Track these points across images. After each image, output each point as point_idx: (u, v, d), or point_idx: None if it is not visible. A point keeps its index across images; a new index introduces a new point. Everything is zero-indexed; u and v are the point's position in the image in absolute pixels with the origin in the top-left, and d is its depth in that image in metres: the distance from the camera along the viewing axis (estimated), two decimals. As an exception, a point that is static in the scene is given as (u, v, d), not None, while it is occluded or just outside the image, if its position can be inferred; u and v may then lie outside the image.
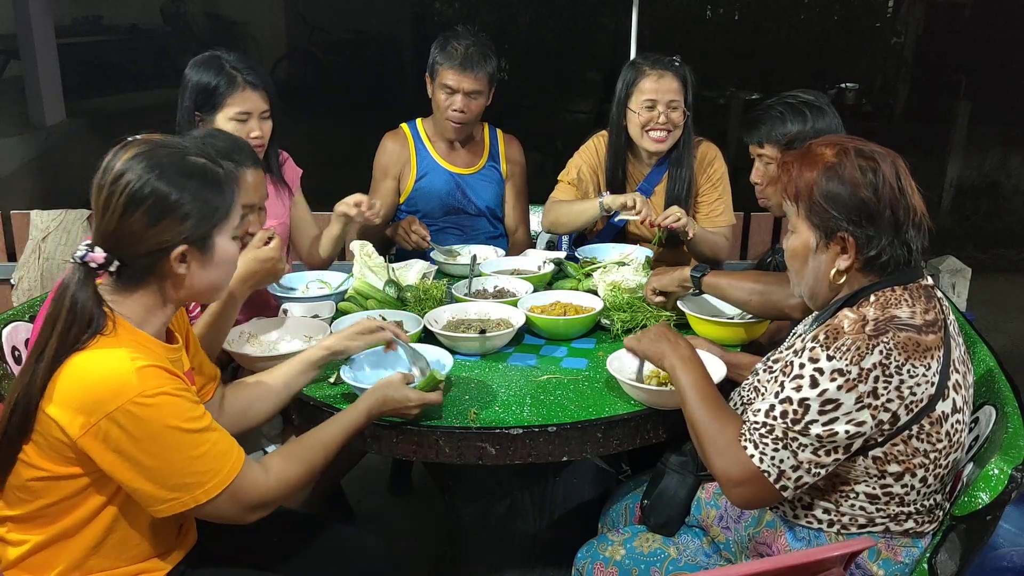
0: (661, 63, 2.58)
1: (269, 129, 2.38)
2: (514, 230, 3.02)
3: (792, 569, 1.33)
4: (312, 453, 1.53)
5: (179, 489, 1.36)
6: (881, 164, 1.46)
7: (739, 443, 1.46)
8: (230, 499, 1.39)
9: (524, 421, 1.68)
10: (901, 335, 1.39)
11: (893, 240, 1.46)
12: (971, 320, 2.17)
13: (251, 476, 1.42)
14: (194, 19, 7.85)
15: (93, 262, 1.36)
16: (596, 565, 1.70)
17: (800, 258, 1.54)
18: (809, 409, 1.39)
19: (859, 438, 1.41)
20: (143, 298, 1.42)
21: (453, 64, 2.65)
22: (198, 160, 1.43)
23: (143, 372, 1.32)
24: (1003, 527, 2.18)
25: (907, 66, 6.42)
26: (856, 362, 1.37)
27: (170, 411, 1.33)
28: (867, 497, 1.48)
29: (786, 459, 1.42)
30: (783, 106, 2.13)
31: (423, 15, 7.62)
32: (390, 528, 2.82)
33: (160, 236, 1.37)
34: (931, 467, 1.46)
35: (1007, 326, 4.47)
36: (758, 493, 1.45)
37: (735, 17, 7.07)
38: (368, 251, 2.35)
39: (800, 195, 1.50)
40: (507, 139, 2.97)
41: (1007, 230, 5.99)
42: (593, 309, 2.11)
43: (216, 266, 1.46)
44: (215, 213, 1.42)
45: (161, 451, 1.33)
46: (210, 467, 1.37)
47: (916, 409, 1.41)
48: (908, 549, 1.53)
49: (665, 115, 2.58)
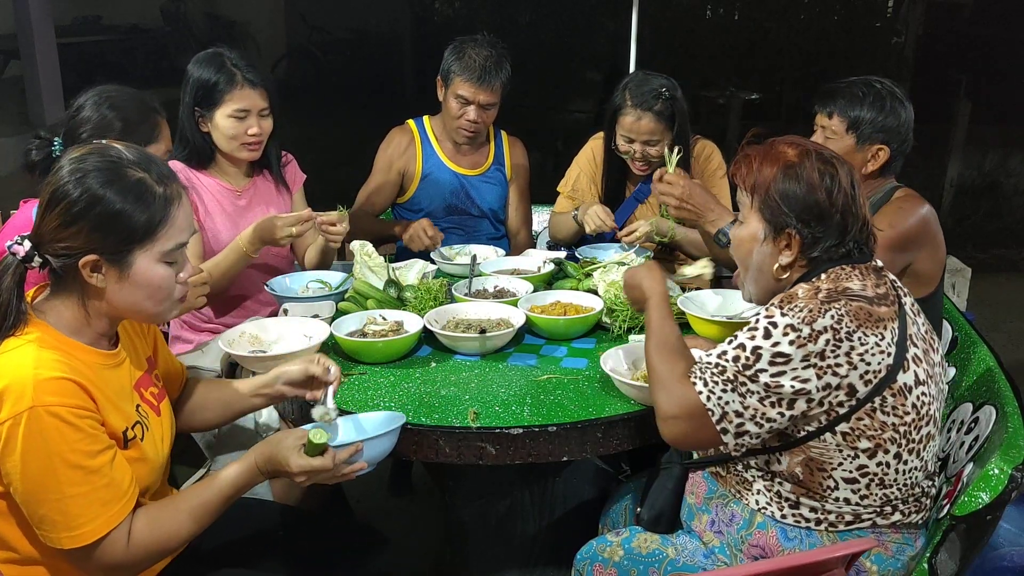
0: (644, 103, 2.51)
1: (268, 127, 2.38)
2: (516, 232, 3.02)
3: (794, 570, 1.33)
4: (184, 518, 1.41)
5: (46, 522, 1.30)
6: (839, 171, 1.53)
7: (688, 379, 1.50)
8: (90, 558, 1.33)
9: (524, 421, 1.68)
10: (853, 304, 1.44)
11: (837, 243, 1.52)
12: (971, 320, 2.17)
13: (115, 539, 1.33)
14: (194, 19, 7.86)
15: (17, 253, 1.35)
16: (595, 566, 1.70)
17: (745, 248, 1.61)
18: (760, 358, 1.43)
19: (803, 396, 1.42)
20: (70, 307, 1.39)
21: (471, 77, 2.62)
22: (135, 174, 1.37)
23: (44, 384, 1.27)
24: (1003, 527, 2.18)
25: (907, 66, 6.42)
26: (808, 322, 1.41)
27: (59, 436, 1.27)
28: (846, 483, 1.48)
29: (732, 401, 1.45)
30: (867, 87, 2.10)
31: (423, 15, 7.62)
32: (390, 528, 2.81)
33: (71, 240, 1.33)
34: (903, 442, 1.47)
35: (1007, 326, 4.47)
36: (696, 431, 1.48)
37: (735, 17, 7.07)
38: (368, 251, 2.35)
39: (757, 188, 1.56)
40: (512, 141, 2.97)
41: (1007, 230, 5.99)
42: (593, 309, 2.11)
43: (136, 286, 1.38)
44: (135, 230, 1.36)
45: (36, 476, 1.27)
46: (81, 513, 1.30)
47: (875, 380, 1.43)
48: (899, 545, 1.53)
49: (642, 152, 2.59)
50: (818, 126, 2.16)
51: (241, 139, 2.34)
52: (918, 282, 2.08)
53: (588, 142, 2.86)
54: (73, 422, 1.29)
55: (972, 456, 1.62)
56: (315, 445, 1.43)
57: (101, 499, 1.32)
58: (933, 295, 2.11)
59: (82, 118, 2.00)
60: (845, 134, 2.08)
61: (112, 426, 1.38)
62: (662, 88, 2.52)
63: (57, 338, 1.36)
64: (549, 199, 2.99)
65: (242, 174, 2.48)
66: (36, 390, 1.27)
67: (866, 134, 2.06)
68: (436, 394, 1.79)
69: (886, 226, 2.02)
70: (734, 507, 1.59)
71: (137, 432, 1.45)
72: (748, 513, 1.57)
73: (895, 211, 2.05)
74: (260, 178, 2.51)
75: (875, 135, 2.06)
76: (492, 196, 2.92)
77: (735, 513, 1.59)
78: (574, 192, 2.84)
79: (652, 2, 5.39)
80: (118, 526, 1.33)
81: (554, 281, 2.44)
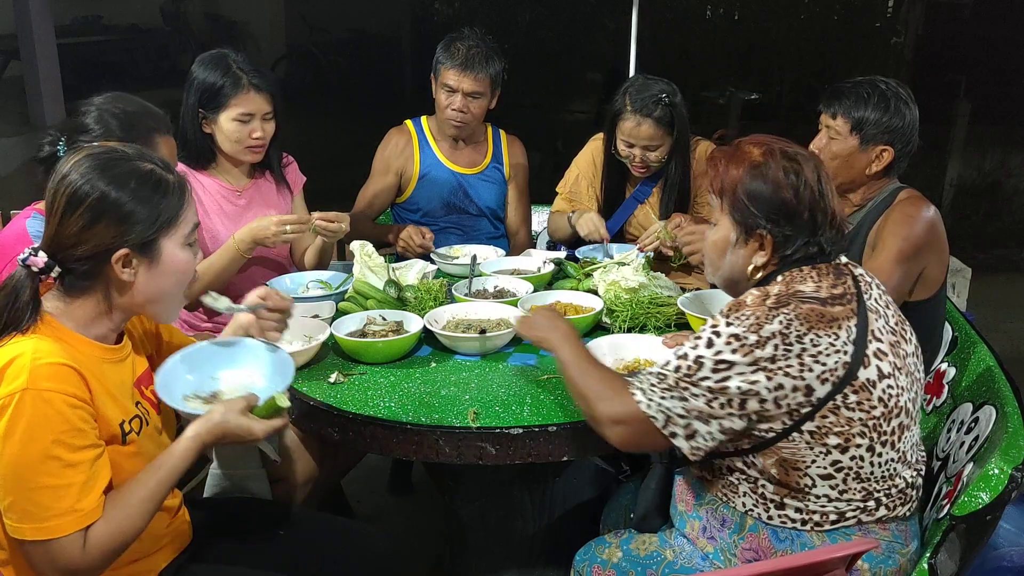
0: (644, 108, 2.52)
1: (272, 130, 2.39)
2: (516, 231, 3.02)
3: (794, 570, 1.33)
4: (134, 510, 1.37)
5: (12, 509, 1.28)
6: (804, 167, 1.52)
7: (627, 390, 1.51)
8: (45, 555, 1.30)
9: (524, 421, 1.68)
10: (804, 307, 1.43)
11: (808, 240, 1.52)
12: (971, 320, 2.17)
13: (71, 541, 1.30)
14: (194, 19, 7.86)
15: (34, 266, 1.35)
16: (594, 567, 1.70)
17: (719, 251, 1.60)
18: (703, 367, 1.44)
19: (752, 397, 1.42)
20: (87, 304, 1.40)
21: (455, 64, 2.65)
22: (144, 165, 1.40)
23: (39, 368, 1.28)
24: (1003, 527, 2.18)
25: (907, 66, 6.43)
26: (755, 330, 1.42)
27: (44, 423, 1.27)
28: (823, 480, 1.48)
29: (674, 406, 1.45)
30: (872, 88, 2.08)
31: (423, 15, 7.62)
32: (390, 528, 2.82)
33: (98, 239, 1.34)
34: (873, 435, 1.47)
35: (1007, 326, 4.47)
36: (641, 436, 1.49)
37: (735, 17, 7.07)
38: (368, 251, 2.35)
39: (725, 191, 1.56)
40: (510, 140, 2.97)
41: (1007, 230, 6.00)
42: (593, 309, 2.11)
43: (164, 274, 1.42)
44: (159, 217, 1.39)
45: (14, 459, 1.26)
46: (49, 506, 1.28)
47: (833, 379, 1.42)
48: (888, 542, 1.53)
49: (642, 156, 2.59)
50: (823, 126, 2.16)
51: (245, 142, 2.34)
52: (924, 285, 2.08)
53: (588, 143, 2.86)
54: (63, 411, 1.28)
55: (972, 456, 1.62)
56: (279, 408, 1.47)
57: (73, 496, 1.29)
58: (936, 296, 2.11)
59: (82, 125, 1.99)
60: (849, 135, 2.08)
61: (108, 418, 1.38)
62: (662, 94, 2.53)
63: (61, 331, 1.38)
64: (549, 199, 2.99)
65: (243, 175, 2.48)
66: (32, 374, 1.27)
67: (870, 135, 2.06)
68: (436, 394, 1.79)
69: (897, 237, 2.00)
70: (724, 511, 1.59)
71: (135, 427, 1.45)
72: (738, 516, 1.57)
73: (903, 219, 2.04)
74: (261, 179, 2.51)
75: (879, 136, 2.06)
76: (491, 195, 2.92)
77: (725, 517, 1.59)
78: (572, 194, 2.85)
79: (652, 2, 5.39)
80: (76, 532, 1.30)
81: (554, 281, 2.44)
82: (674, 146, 2.60)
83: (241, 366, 1.64)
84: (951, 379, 2.01)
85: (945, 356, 2.12)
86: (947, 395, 1.98)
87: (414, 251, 2.66)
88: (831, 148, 2.11)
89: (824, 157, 2.13)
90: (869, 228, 2.08)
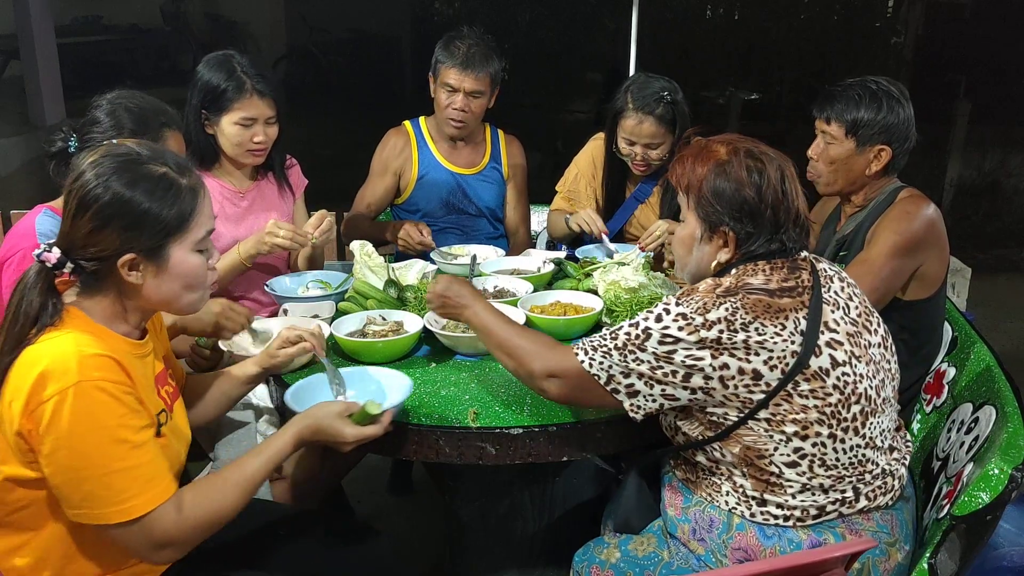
0: (646, 106, 2.53)
1: (274, 134, 2.38)
2: (515, 231, 3.02)
3: (793, 570, 1.33)
4: (231, 490, 1.43)
5: (89, 499, 1.30)
6: (767, 166, 1.55)
7: (562, 347, 1.60)
8: (140, 532, 1.33)
9: (524, 421, 1.68)
10: (751, 297, 1.47)
11: (771, 237, 1.55)
12: (971, 320, 2.17)
13: (164, 511, 1.34)
14: (194, 19, 7.86)
15: (47, 261, 1.36)
16: (592, 568, 1.71)
17: (686, 247, 1.65)
18: (650, 337, 1.49)
19: (698, 372, 1.47)
20: (104, 302, 1.41)
21: (455, 63, 2.65)
22: (158, 169, 1.40)
23: (87, 360, 1.29)
24: (1003, 527, 2.18)
25: (907, 66, 6.43)
26: (701, 313, 1.46)
27: (104, 409, 1.29)
28: (788, 468, 1.51)
29: (615, 364, 1.51)
30: (863, 89, 2.09)
31: (423, 15, 7.62)
32: (390, 528, 2.81)
33: (105, 242, 1.35)
34: (832, 422, 1.49)
35: (1007, 326, 4.47)
36: (581, 391, 1.56)
37: (735, 17, 7.07)
38: (368, 251, 2.35)
39: (691, 188, 1.60)
40: (508, 140, 2.97)
41: (1007, 230, 6.00)
42: (593, 309, 2.11)
43: (173, 278, 1.42)
44: (168, 224, 1.39)
45: (83, 448, 1.28)
46: (127, 488, 1.31)
47: (782, 366, 1.45)
48: (874, 532, 1.55)
49: (643, 155, 2.60)
50: (818, 131, 2.16)
51: (246, 146, 2.34)
52: (923, 283, 2.08)
53: (588, 143, 2.86)
54: (119, 396, 1.31)
55: (972, 456, 1.62)
56: (370, 416, 1.52)
57: (146, 475, 1.33)
58: (936, 295, 2.11)
59: (94, 118, 2.00)
60: (845, 138, 2.08)
61: (147, 407, 1.41)
62: (663, 92, 2.53)
63: (91, 325, 1.39)
64: (549, 199, 2.99)
65: (245, 177, 2.48)
66: (81, 365, 1.29)
67: (866, 136, 2.06)
68: (436, 394, 1.79)
69: (893, 232, 2.01)
70: (711, 512, 1.60)
71: (163, 420, 1.47)
72: (725, 516, 1.58)
73: (901, 215, 2.04)
74: (263, 181, 2.51)
75: (876, 136, 2.06)
76: (489, 195, 2.92)
77: (713, 518, 1.60)
78: (571, 193, 2.85)
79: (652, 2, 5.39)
80: (166, 502, 1.35)
81: (554, 281, 2.44)
82: (675, 144, 2.59)
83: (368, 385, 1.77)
84: (951, 379, 2.01)
85: (945, 356, 2.12)
86: (947, 395, 1.98)
87: (414, 248, 2.66)
88: (829, 153, 2.11)
89: (823, 162, 2.14)
90: (869, 227, 2.08)
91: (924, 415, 2.05)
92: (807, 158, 2.21)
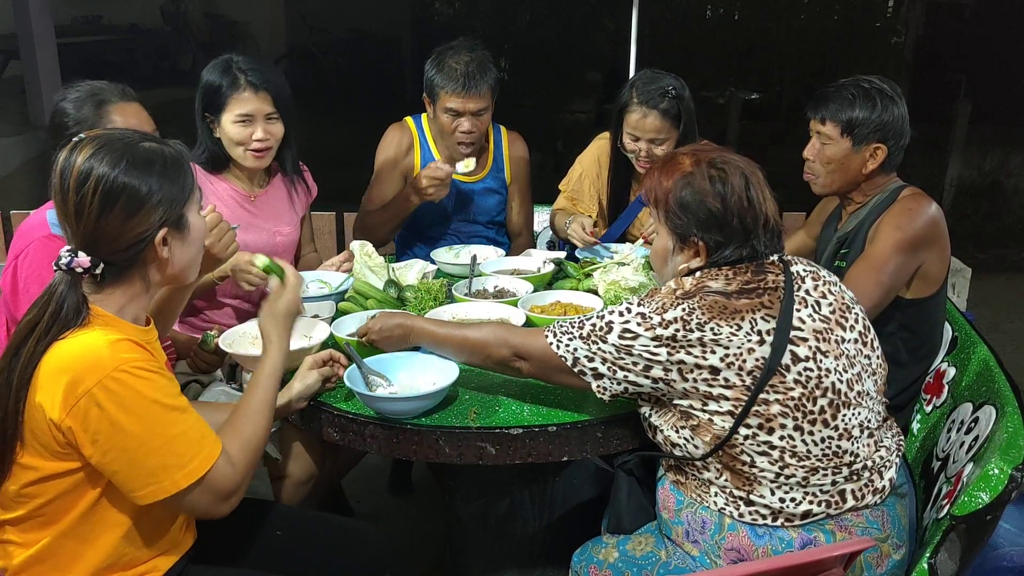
0: (651, 100, 2.51)
1: (278, 131, 2.34)
2: (518, 233, 2.97)
3: (792, 569, 1.34)
4: (258, 418, 1.53)
5: (158, 472, 1.34)
6: (731, 175, 1.58)
7: (534, 330, 1.69)
8: (206, 489, 1.38)
9: (524, 421, 1.68)
10: (708, 298, 1.52)
11: (742, 244, 1.58)
12: (971, 320, 2.17)
13: (221, 464, 1.41)
14: (194, 19, 7.85)
15: (79, 267, 1.37)
16: (590, 568, 1.71)
17: (661, 259, 1.69)
18: (612, 330, 1.56)
19: (657, 365, 1.53)
20: (125, 289, 1.44)
21: (456, 88, 2.54)
22: (152, 146, 1.44)
23: (117, 346, 1.33)
24: (1003, 527, 2.18)
25: (907, 66, 6.42)
26: (659, 313, 1.52)
27: (148, 385, 1.34)
28: (761, 456, 1.52)
29: (580, 348, 1.59)
30: (856, 89, 2.09)
31: (423, 15, 7.61)
32: (390, 528, 2.82)
33: (140, 227, 1.39)
34: (797, 415, 1.50)
35: (1007, 326, 4.47)
36: (550, 372, 1.66)
37: (735, 17, 7.07)
38: (368, 251, 2.35)
39: (658, 202, 1.63)
40: (511, 137, 2.89)
41: (1007, 230, 6.00)
42: (593, 309, 2.11)
43: (193, 242, 1.50)
44: (182, 191, 1.44)
45: (140, 425, 1.32)
46: (187, 450, 1.36)
47: (739, 364, 1.48)
48: (863, 528, 1.55)
49: (647, 150, 2.57)
50: (813, 132, 2.17)
51: (247, 144, 2.30)
52: (924, 282, 2.08)
53: (593, 142, 2.84)
54: (155, 370, 1.36)
55: (972, 456, 1.62)
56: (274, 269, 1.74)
57: (199, 434, 1.39)
58: (937, 295, 2.11)
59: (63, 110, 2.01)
60: (840, 138, 2.08)
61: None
62: (669, 87, 2.52)
63: (108, 317, 1.42)
64: (548, 199, 2.98)
65: (256, 181, 2.46)
66: (113, 353, 1.33)
67: (861, 135, 2.07)
68: (436, 394, 1.79)
69: (894, 229, 2.01)
70: (703, 513, 1.60)
71: None
72: (716, 517, 1.59)
73: (903, 213, 2.05)
74: (273, 187, 2.50)
75: (871, 135, 2.06)
76: (491, 203, 2.88)
77: (705, 519, 1.60)
78: (574, 192, 2.82)
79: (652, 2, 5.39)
80: (220, 455, 1.40)
81: (554, 281, 2.44)
82: (680, 140, 2.56)
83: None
84: (951, 379, 2.01)
85: (945, 356, 2.12)
86: (947, 395, 1.98)
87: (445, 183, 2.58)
88: (825, 153, 2.12)
89: (819, 162, 2.14)
90: (871, 225, 2.09)
91: (924, 415, 2.05)
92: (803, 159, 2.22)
